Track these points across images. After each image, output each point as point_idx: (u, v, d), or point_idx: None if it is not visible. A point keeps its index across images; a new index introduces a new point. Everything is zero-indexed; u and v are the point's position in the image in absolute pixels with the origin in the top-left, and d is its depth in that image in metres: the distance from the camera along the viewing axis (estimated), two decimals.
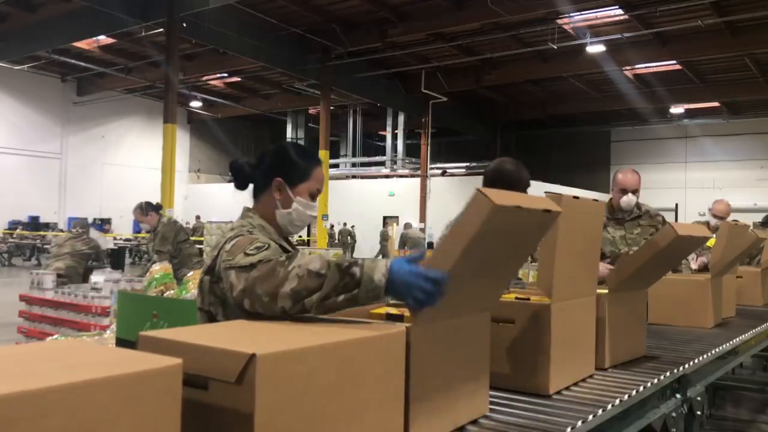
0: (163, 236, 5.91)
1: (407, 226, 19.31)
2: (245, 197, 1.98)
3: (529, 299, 2.01)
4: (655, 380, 2.14)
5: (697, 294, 3.42)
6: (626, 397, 1.92)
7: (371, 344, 1.31)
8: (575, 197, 2.04)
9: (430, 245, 20.03)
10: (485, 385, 1.72)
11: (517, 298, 2.08)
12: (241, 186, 1.93)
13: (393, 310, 1.79)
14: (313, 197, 1.90)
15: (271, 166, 1.89)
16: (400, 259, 1.44)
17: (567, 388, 2.01)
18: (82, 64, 20.82)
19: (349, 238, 19.77)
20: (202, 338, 1.18)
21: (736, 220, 7.24)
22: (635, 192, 3.74)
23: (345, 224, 20.04)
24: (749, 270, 4.58)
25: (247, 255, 1.61)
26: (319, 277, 1.46)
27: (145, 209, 6.03)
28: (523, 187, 2.64)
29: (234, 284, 1.57)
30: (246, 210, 1.92)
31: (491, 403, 1.82)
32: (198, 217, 21.31)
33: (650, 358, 2.52)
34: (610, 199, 3.79)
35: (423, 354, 1.44)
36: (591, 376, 2.18)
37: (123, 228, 24.35)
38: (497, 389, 1.96)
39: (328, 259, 1.50)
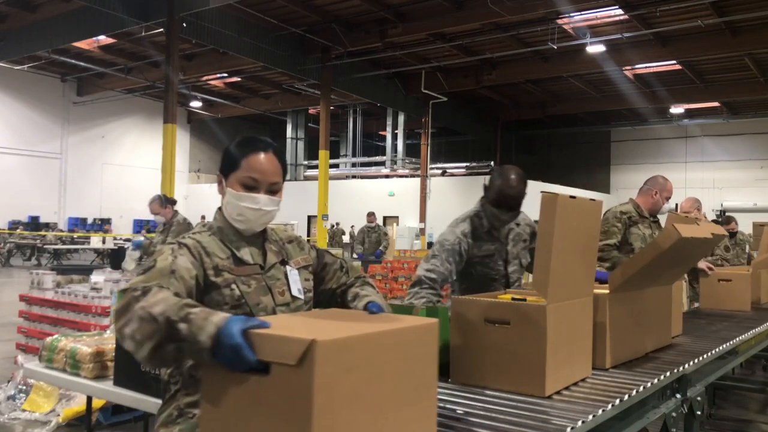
0: (178, 234, 5.91)
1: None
2: None
3: (525, 300, 2.00)
4: (655, 380, 2.14)
5: None
6: (626, 397, 1.91)
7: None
8: (572, 197, 2.03)
9: (430, 245, 20.01)
10: (432, 407, 1.45)
11: (513, 299, 2.07)
12: None
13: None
14: (247, 187, 1.70)
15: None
16: (234, 321, 1.28)
17: (567, 389, 2.00)
18: (82, 64, 20.83)
19: (342, 237, 19.73)
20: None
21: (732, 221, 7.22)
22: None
23: (337, 224, 19.99)
24: (738, 272, 4.32)
25: (139, 274, 1.55)
26: (155, 323, 1.34)
27: (164, 202, 6.04)
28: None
29: None
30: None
31: (491, 402, 1.82)
32: (203, 218, 21.37)
33: (650, 358, 2.52)
34: (631, 199, 4.01)
35: (339, 372, 1.22)
36: (590, 377, 2.17)
37: (123, 228, 24.37)
38: (495, 390, 1.95)
39: (172, 304, 1.37)
